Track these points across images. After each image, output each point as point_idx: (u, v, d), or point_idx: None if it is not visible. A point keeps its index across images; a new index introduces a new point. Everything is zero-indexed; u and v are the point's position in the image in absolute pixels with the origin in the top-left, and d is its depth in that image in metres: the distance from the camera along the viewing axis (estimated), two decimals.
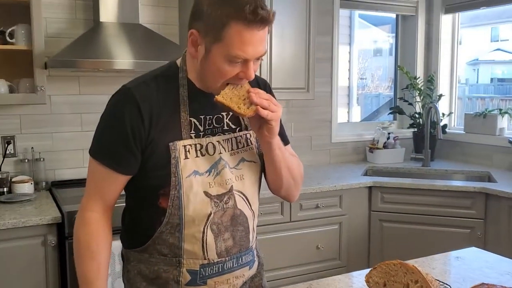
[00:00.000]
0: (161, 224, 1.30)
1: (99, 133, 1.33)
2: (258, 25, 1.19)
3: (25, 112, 2.85)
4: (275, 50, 3.18)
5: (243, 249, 1.38)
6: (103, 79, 3.00)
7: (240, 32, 1.18)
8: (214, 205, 1.31)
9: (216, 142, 1.34)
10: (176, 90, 1.32)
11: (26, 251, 2.32)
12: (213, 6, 1.20)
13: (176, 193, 1.28)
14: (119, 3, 2.81)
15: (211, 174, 1.31)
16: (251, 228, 1.40)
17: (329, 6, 3.75)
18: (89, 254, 1.31)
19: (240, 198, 1.36)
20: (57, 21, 2.88)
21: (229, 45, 1.20)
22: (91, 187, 1.34)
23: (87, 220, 1.32)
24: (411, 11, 4.15)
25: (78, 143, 2.97)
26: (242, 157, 1.38)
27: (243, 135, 1.40)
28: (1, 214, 2.37)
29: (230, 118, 1.39)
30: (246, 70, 1.24)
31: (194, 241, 1.30)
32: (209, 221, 1.30)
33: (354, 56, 4.81)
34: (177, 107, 1.31)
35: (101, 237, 1.32)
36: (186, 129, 1.30)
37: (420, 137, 3.92)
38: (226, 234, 1.33)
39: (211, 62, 1.24)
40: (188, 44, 1.27)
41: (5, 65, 2.69)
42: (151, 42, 2.86)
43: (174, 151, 1.28)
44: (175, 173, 1.27)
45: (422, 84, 4.06)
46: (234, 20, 1.18)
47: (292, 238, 3.02)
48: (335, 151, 3.93)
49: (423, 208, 3.16)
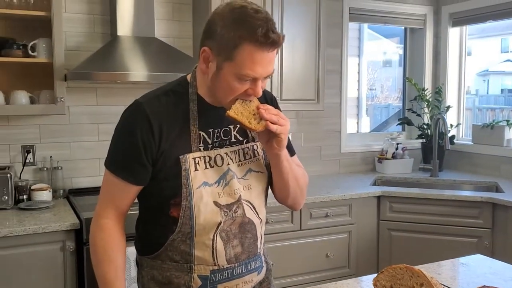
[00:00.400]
0: (173, 233, 1.37)
1: (113, 145, 1.41)
2: (269, 47, 1.26)
3: (45, 122, 2.96)
4: (286, 62, 3.27)
5: (251, 255, 1.45)
6: (119, 91, 3.10)
7: (252, 53, 1.25)
8: (223, 214, 1.37)
9: (224, 154, 1.40)
10: (186, 105, 1.39)
11: (45, 256, 2.41)
12: (227, 28, 1.26)
13: (187, 203, 1.34)
14: (136, 17, 2.91)
15: (220, 184, 1.38)
16: (259, 235, 1.47)
17: (338, 19, 3.83)
18: (106, 258, 1.38)
19: (248, 207, 1.43)
20: (76, 35, 3.00)
21: (240, 65, 1.26)
22: (105, 196, 1.42)
23: (102, 227, 1.40)
24: (419, 24, 4.22)
25: (95, 152, 3.06)
26: (250, 167, 1.45)
27: (250, 147, 1.46)
28: (21, 220, 2.47)
29: (237, 131, 1.45)
30: (254, 87, 1.31)
31: (205, 248, 1.37)
32: (218, 229, 1.37)
33: (363, 67, 4.87)
34: (186, 121, 1.37)
35: (116, 242, 1.40)
36: (195, 142, 1.37)
37: (429, 148, 3.97)
38: (235, 241, 1.40)
39: (222, 79, 1.31)
40: (200, 61, 1.34)
41: (26, 77, 2.80)
42: (165, 55, 2.96)
43: (185, 163, 1.34)
44: (186, 185, 1.34)
45: (430, 95, 4.12)
46: (246, 41, 1.24)
47: (302, 246, 3.08)
48: (345, 161, 3.99)
49: (431, 217, 3.21)
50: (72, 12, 2.96)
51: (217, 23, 1.29)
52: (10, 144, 2.90)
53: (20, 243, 2.35)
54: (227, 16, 1.27)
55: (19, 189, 2.79)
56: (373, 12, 3.99)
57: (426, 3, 4.18)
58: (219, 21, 1.28)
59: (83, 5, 3.00)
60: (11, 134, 2.89)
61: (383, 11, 4.01)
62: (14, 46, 2.68)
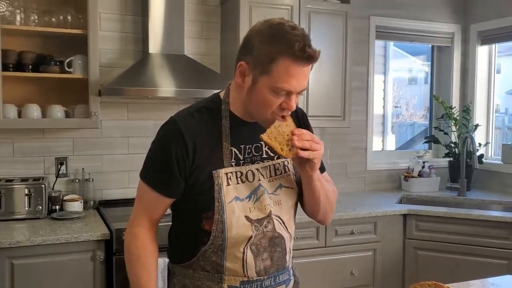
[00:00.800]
0: (205, 245, 1.41)
1: (148, 159, 1.46)
2: (305, 61, 1.30)
3: (78, 135, 3.06)
4: (313, 79, 3.31)
5: (280, 268, 1.48)
6: (149, 106, 3.19)
7: (288, 67, 1.29)
8: (254, 228, 1.41)
9: (255, 170, 1.44)
10: (219, 121, 1.43)
11: (76, 265, 2.48)
12: (264, 43, 1.31)
13: (220, 217, 1.39)
14: (166, 36, 3.01)
15: (251, 199, 1.42)
16: (287, 249, 1.50)
17: (365, 37, 3.87)
18: (140, 265, 1.44)
19: (278, 222, 1.46)
20: (110, 52, 3.11)
21: (276, 78, 1.30)
22: (139, 206, 1.48)
23: (136, 235, 1.46)
24: (447, 42, 4.22)
25: (125, 165, 3.14)
26: (280, 183, 1.48)
27: (281, 163, 1.50)
28: (54, 229, 2.55)
29: (268, 147, 1.48)
30: (288, 101, 1.35)
31: (235, 260, 1.41)
32: (249, 242, 1.41)
33: (389, 84, 4.87)
34: (219, 137, 1.42)
35: (149, 250, 1.46)
36: (227, 158, 1.41)
37: (456, 167, 3.93)
38: (264, 255, 1.43)
39: (257, 92, 1.35)
40: (236, 75, 1.39)
41: (62, 92, 2.91)
42: (194, 71, 3.03)
43: (217, 178, 1.39)
44: (218, 199, 1.38)
45: (458, 113, 4.09)
46: (283, 56, 1.29)
47: (327, 263, 3.08)
48: (370, 178, 3.98)
49: (459, 237, 3.17)
50: (107, 31, 3.08)
51: (255, 38, 1.34)
52: (45, 156, 3.00)
53: (53, 252, 2.43)
54: (265, 32, 1.33)
55: (52, 200, 2.89)
56: (400, 30, 4.01)
57: (454, 21, 4.19)
58: (257, 36, 1.33)
59: (117, 24, 3.12)
60: (46, 146, 3.00)
61: (411, 29, 4.03)
62: (52, 63, 2.80)
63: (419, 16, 4.05)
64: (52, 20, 2.82)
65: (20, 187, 2.73)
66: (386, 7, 3.93)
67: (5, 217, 2.69)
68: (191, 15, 3.27)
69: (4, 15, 2.72)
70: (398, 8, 3.97)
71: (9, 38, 2.74)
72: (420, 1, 4.05)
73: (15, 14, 2.76)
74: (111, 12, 3.10)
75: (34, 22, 2.79)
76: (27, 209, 2.74)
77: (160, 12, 2.99)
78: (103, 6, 3.03)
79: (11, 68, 2.71)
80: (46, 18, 2.82)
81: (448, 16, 4.17)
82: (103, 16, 3.06)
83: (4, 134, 2.89)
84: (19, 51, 2.78)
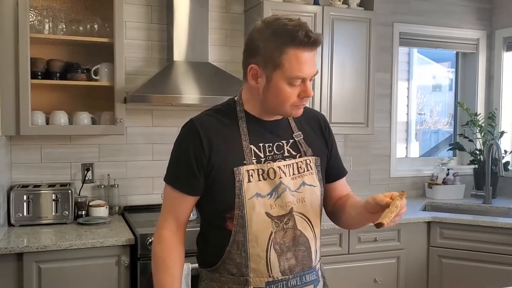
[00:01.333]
0: (228, 244, 1.44)
1: (170, 161, 1.52)
2: (311, 46, 1.37)
3: (104, 142, 3.12)
4: (336, 86, 3.31)
5: (306, 268, 1.49)
6: (174, 113, 3.23)
7: (297, 56, 1.36)
8: (274, 225, 1.44)
9: (277, 168, 1.47)
10: (235, 121, 1.48)
11: (101, 269, 2.52)
12: (268, 40, 1.38)
13: (240, 212, 1.42)
14: (191, 44, 3.05)
15: (272, 196, 1.45)
16: (313, 249, 1.51)
17: (388, 43, 3.85)
18: (164, 268, 1.47)
19: (302, 220, 1.48)
20: (135, 60, 3.16)
21: (288, 69, 1.37)
22: (165, 208, 1.53)
23: (162, 237, 1.49)
24: (472, 49, 4.17)
25: (149, 171, 3.18)
26: (303, 181, 1.50)
27: (303, 161, 1.52)
28: (80, 234, 2.60)
29: (290, 145, 1.53)
30: (305, 88, 1.41)
31: (259, 260, 1.43)
32: (271, 240, 1.43)
33: (412, 91, 4.83)
34: (237, 136, 1.46)
35: (174, 253, 1.49)
36: (248, 156, 1.45)
37: (481, 174, 3.87)
38: (288, 254, 1.45)
39: (274, 88, 1.40)
40: (248, 78, 1.44)
41: (89, 99, 2.97)
42: (218, 78, 3.07)
43: (238, 175, 1.42)
44: (238, 195, 1.42)
45: (483, 120, 4.04)
46: (290, 46, 1.35)
47: (350, 270, 3.07)
48: (394, 186, 3.95)
49: (484, 245, 3.12)
50: (132, 39, 3.14)
51: (258, 39, 1.40)
52: (72, 162, 3.06)
53: (79, 256, 2.47)
54: (265, 31, 1.39)
55: (78, 205, 2.94)
56: (424, 37, 3.99)
57: (479, 27, 4.14)
58: (259, 37, 1.40)
59: (142, 32, 3.17)
60: (73, 152, 3.06)
61: (435, 36, 4.00)
62: (79, 70, 2.86)
63: (443, 23, 4.01)
64: (80, 29, 2.89)
65: (47, 193, 2.79)
66: (410, 14, 3.91)
67: (32, 221, 2.75)
68: (215, 23, 3.31)
69: (33, 24, 2.80)
70: (422, 15, 3.94)
71: (38, 46, 2.81)
72: (444, 7, 4.02)
73: (44, 24, 2.83)
74: (137, 21, 3.15)
75: (62, 31, 2.86)
76: (54, 214, 2.79)
77: (185, 20, 3.03)
78: (129, 15, 3.09)
79: (39, 76, 2.78)
80: (74, 27, 2.88)
81: (473, 22, 4.12)
82: (129, 25, 3.12)
83: (33, 141, 2.96)
84: (48, 59, 2.84)
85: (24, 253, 2.37)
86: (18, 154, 2.95)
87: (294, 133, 1.55)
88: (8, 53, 2.62)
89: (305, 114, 1.58)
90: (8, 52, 2.62)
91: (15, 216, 2.72)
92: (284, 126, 1.55)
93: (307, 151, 1.53)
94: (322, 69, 3.26)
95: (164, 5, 3.19)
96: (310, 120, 1.60)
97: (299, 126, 1.57)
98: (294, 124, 1.56)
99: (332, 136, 1.64)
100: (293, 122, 1.56)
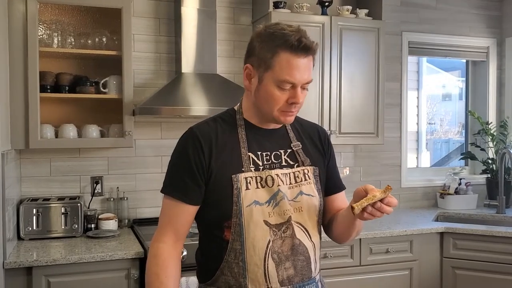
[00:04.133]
0: (226, 253, 1.42)
1: (168, 170, 1.50)
2: (302, 52, 1.37)
3: (113, 154, 3.11)
4: (345, 95, 3.29)
5: (305, 278, 1.46)
6: (182, 125, 3.19)
7: (288, 59, 1.37)
8: (272, 233, 1.42)
9: (275, 175, 1.46)
10: (234, 129, 1.48)
11: (111, 283, 2.50)
12: (264, 41, 1.40)
13: (237, 220, 1.40)
14: (199, 55, 3.05)
15: (270, 204, 1.43)
16: (312, 259, 1.48)
17: (397, 53, 3.83)
18: (158, 284, 1.41)
19: (299, 229, 1.46)
20: (143, 72, 3.17)
21: (278, 72, 1.38)
22: (163, 220, 1.48)
23: (158, 251, 1.44)
24: (482, 57, 4.13)
25: (158, 184, 3.11)
26: (301, 190, 1.49)
27: (301, 171, 1.51)
28: (89, 247, 2.58)
29: (288, 155, 1.51)
30: (294, 94, 1.40)
31: (257, 269, 1.40)
32: (269, 249, 1.41)
33: (422, 101, 4.80)
34: (236, 144, 1.46)
35: (169, 268, 1.43)
36: (246, 163, 1.44)
37: (494, 183, 3.82)
38: (287, 263, 1.43)
39: (264, 89, 1.41)
40: (243, 78, 1.47)
41: (97, 112, 2.98)
42: (226, 90, 3.06)
43: (236, 182, 1.41)
44: (236, 203, 1.40)
45: (495, 129, 3.99)
46: (282, 48, 1.37)
47: (362, 282, 3.02)
48: (405, 196, 3.90)
49: (499, 256, 3.06)
50: (141, 51, 3.14)
51: (255, 40, 1.43)
52: (81, 175, 3.06)
53: (88, 270, 2.45)
54: (263, 33, 1.42)
55: (87, 218, 2.93)
56: (433, 46, 3.96)
57: (489, 35, 4.11)
58: (257, 38, 1.43)
59: (150, 45, 3.18)
60: (82, 165, 3.06)
61: (444, 44, 3.97)
62: (87, 83, 2.87)
63: (453, 31, 3.99)
64: (88, 42, 2.90)
65: (57, 206, 2.78)
66: (419, 23, 3.89)
67: (42, 235, 2.74)
68: (223, 34, 3.31)
69: (42, 38, 2.82)
70: (430, 24, 3.92)
71: (47, 60, 2.83)
72: (454, 15, 4.00)
73: (53, 37, 2.85)
74: (145, 34, 3.16)
75: (71, 44, 2.88)
76: (64, 227, 2.78)
77: (193, 32, 3.04)
78: (137, 28, 3.10)
79: (48, 89, 2.79)
80: (82, 40, 2.90)
81: (482, 30, 4.09)
82: (137, 38, 3.13)
83: (42, 154, 2.97)
84: (56, 72, 2.86)
85: (34, 267, 2.36)
86: (27, 168, 2.95)
87: (293, 142, 1.54)
88: (18, 67, 2.64)
89: (305, 127, 1.60)
90: (17, 66, 2.64)
91: (25, 230, 2.72)
92: (283, 136, 1.54)
93: (305, 161, 1.52)
94: (331, 79, 3.24)
95: (172, 17, 3.20)
96: (309, 132, 1.60)
97: (297, 136, 1.56)
98: (293, 134, 1.56)
99: (332, 150, 1.63)
100: (291, 132, 1.56)
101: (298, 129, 1.58)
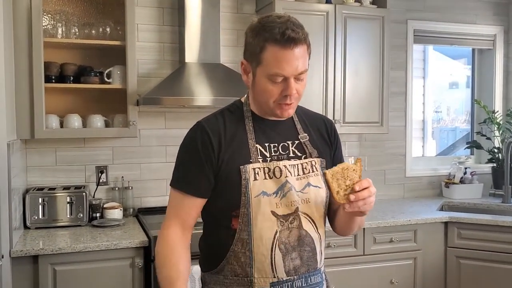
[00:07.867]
0: (233, 242, 1.43)
1: (177, 164, 1.50)
2: (288, 44, 1.35)
3: (117, 144, 3.13)
4: (349, 84, 3.28)
5: (311, 269, 1.47)
6: (186, 115, 3.23)
7: (275, 53, 1.36)
8: (279, 224, 1.42)
9: (283, 167, 1.46)
10: (241, 121, 1.49)
11: (116, 271, 2.53)
12: (253, 36, 1.40)
13: (245, 210, 1.41)
14: (203, 45, 3.05)
15: (278, 195, 1.43)
16: (318, 250, 1.49)
17: (402, 41, 3.80)
18: (170, 265, 1.42)
19: (307, 220, 1.46)
20: (147, 62, 3.17)
21: (267, 66, 1.37)
22: (170, 211, 1.49)
23: (166, 237, 1.45)
24: (488, 45, 4.09)
25: (163, 173, 3.19)
26: (308, 182, 1.49)
27: (309, 162, 1.51)
28: (94, 236, 2.61)
29: (295, 146, 1.52)
30: (286, 87, 1.39)
31: (263, 259, 1.41)
32: (276, 240, 1.41)
33: (428, 89, 4.76)
34: (244, 135, 1.46)
35: (180, 252, 1.44)
36: (254, 154, 1.45)
37: (500, 173, 3.80)
38: (293, 254, 1.44)
39: (258, 84, 1.42)
40: (241, 73, 1.48)
41: (102, 102, 2.99)
42: (230, 80, 3.05)
43: (245, 173, 1.42)
44: (245, 193, 1.41)
45: (501, 118, 3.96)
46: (268, 42, 1.36)
47: (365, 272, 3.03)
48: (410, 185, 3.90)
49: (504, 246, 3.05)
50: (144, 41, 3.14)
51: (248, 35, 1.43)
52: (86, 165, 3.08)
53: (93, 259, 2.48)
54: (255, 27, 1.41)
55: (93, 207, 2.95)
56: (439, 34, 3.93)
57: (495, 23, 4.06)
58: (249, 33, 1.44)
59: (154, 34, 3.17)
60: (87, 155, 3.08)
61: (450, 32, 3.94)
62: (92, 74, 2.88)
63: (459, 19, 3.95)
64: (92, 32, 2.91)
65: (62, 195, 2.81)
66: (424, 11, 3.86)
67: (47, 224, 2.78)
68: (227, 23, 3.30)
69: (47, 28, 2.82)
70: (436, 11, 3.88)
71: (51, 50, 2.84)
72: (460, 3, 3.95)
73: (57, 28, 2.85)
74: (149, 23, 3.16)
75: (75, 34, 2.88)
76: (69, 216, 2.81)
77: (197, 21, 3.03)
78: (140, 18, 3.10)
79: (53, 79, 2.80)
80: (86, 30, 2.90)
81: (489, 18, 4.05)
82: (141, 27, 3.12)
83: (47, 144, 2.99)
84: (61, 63, 2.87)
85: (40, 255, 2.40)
86: (33, 158, 2.98)
87: (300, 134, 1.54)
88: (22, 57, 2.65)
89: (311, 118, 1.60)
90: (22, 57, 2.65)
91: (31, 219, 2.75)
92: (290, 127, 1.54)
93: (313, 153, 1.53)
94: (335, 68, 3.23)
95: (175, 6, 3.19)
96: (316, 124, 1.60)
97: (305, 128, 1.56)
98: (300, 126, 1.56)
99: (338, 141, 1.63)
100: (298, 124, 1.56)
101: (305, 121, 1.57)
